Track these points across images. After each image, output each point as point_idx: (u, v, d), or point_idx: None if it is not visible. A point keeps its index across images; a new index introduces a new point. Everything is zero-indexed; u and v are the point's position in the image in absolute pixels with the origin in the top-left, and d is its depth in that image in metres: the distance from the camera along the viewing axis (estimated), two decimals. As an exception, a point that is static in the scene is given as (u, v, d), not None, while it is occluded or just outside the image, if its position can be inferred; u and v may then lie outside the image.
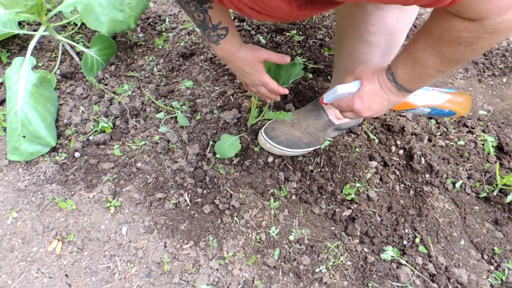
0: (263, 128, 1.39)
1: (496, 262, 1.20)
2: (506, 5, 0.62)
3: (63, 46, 1.65)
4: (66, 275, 1.18)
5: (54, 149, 1.43)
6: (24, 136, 1.36)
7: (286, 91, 1.21)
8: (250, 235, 1.25)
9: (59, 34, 1.70)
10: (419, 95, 1.23)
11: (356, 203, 1.30)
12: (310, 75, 1.66)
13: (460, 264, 1.19)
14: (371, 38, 1.10)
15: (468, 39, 0.71)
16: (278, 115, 1.25)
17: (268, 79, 1.16)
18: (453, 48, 0.75)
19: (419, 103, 1.22)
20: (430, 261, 1.19)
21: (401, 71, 0.90)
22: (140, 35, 1.83)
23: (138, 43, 1.79)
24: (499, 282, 1.16)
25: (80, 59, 1.66)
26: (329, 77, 1.66)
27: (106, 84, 1.61)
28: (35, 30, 1.78)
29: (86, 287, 1.16)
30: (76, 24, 1.82)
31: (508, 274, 1.17)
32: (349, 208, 1.30)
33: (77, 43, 1.75)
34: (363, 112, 1.00)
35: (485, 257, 1.21)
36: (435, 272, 1.17)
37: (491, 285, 1.16)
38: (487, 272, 1.19)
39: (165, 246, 1.22)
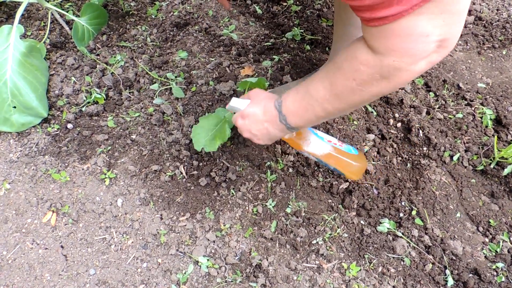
0: None
1: (491, 234, 1.21)
2: (409, 51, 0.66)
3: (52, 14, 1.59)
4: (62, 246, 1.17)
5: (46, 120, 1.40)
6: (14, 107, 1.33)
7: None
8: (247, 208, 1.24)
9: (47, 1, 1.64)
10: (311, 142, 1.16)
11: (353, 175, 1.29)
12: (308, 47, 1.62)
13: (456, 236, 1.20)
14: None
15: (362, 76, 0.73)
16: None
17: None
18: (346, 82, 0.77)
19: (306, 149, 1.16)
20: (426, 233, 1.20)
21: (290, 100, 0.90)
22: (132, 3, 1.77)
23: (130, 12, 1.73)
24: (493, 253, 1.18)
25: (70, 28, 1.61)
26: (327, 49, 1.63)
27: (98, 55, 1.56)
28: (22, -3, 1.71)
29: (82, 258, 1.15)
30: (65, -8, 1.75)
31: (502, 246, 1.18)
32: (346, 181, 1.29)
33: (67, 11, 1.69)
34: (243, 131, 1.02)
35: (480, 229, 1.22)
36: (430, 244, 1.18)
37: (485, 256, 1.17)
38: (481, 244, 1.20)
39: (161, 218, 1.22)
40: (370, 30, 0.68)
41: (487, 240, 1.20)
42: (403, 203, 1.25)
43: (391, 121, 1.41)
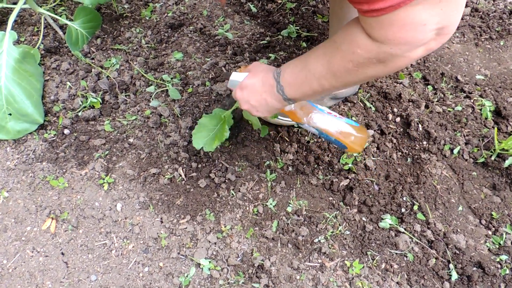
0: None
1: (494, 227, 1.20)
2: (406, 40, 0.66)
3: (45, 19, 1.58)
4: (62, 253, 1.16)
5: (42, 127, 1.39)
6: (10, 114, 1.31)
7: None
8: (247, 208, 1.23)
9: (40, 6, 1.62)
10: (312, 114, 1.14)
11: (354, 172, 1.29)
12: (304, 44, 1.61)
13: (458, 230, 1.19)
14: None
15: (359, 59, 0.74)
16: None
17: None
18: (343, 63, 0.78)
19: (306, 121, 1.13)
20: (428, 228, 1.19)
21: (289, 71, 0.91)
22: (126, 6, 1.76)
23: (124, 15, 1.72)
24: (497, 246, 1.17)
25: (64, 33, 1.59)
26: (323, 45, 1.61)
27: (92, 58, 1.55)
28: (14, 3, 1.70)
29: (83, 264, 1.14)
30: (58, -4, 1.74)
31: (505, 238, 1.17)
32: (347, 177, 1.28)
33: (60, 16, 1.67)
34: (241, 103, 1.02)
35: (483, 222, 1.22)
36: (433, 239, 1.17)
37: (489, 249, 1.16)
38: (485, 237, 1.19)
39: (162, 222, 1.21)
40: (368, 20, 0.68)
41: (490, 232, 1.20)
42: (404, 198, 1.24)
43: (390, 116, 1.40)
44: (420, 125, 1.35)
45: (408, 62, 0.72)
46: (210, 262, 1.13)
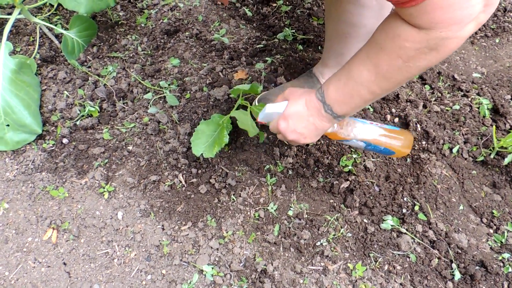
0: (256, 99, 1.35)
1: (495, 225, 1.20)
2: (455, 19, 0.63)
3: (41, 29, 1.58)
4: (64, 263, 1.16)
5: (40, 137, 1.38)
6: (8, 125, 1.31)
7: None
8: (248, 213, 1.23)
9: (35, 16, 1.62)
10: (356, 127, 1.11)
11: (354, 174, 1.29)
12: (300, 47, 1.61)
13: (460, 229, 1.19)
14: None
15: (408, 52, 0.70)
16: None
17: None
18: (391, 62, 0.73)
19: (353, 136, 1.11)
20: (430, 228, 1.19)
21: (332, 88, 0.87)
22: (121, 13, 1.76)
23: (120, 22, 1.72)
24: (499, 244, 1.17)
25: (60, 42, 1.59)
26: (319, 47, 1.62)
27: (89, 67, 1.55)
28: (9, 14, 1.70)
29: (86, 274, 1.14)
30: (52, 5, 1.73)
31: (507, 236, 1.17)
32: (347, 179, 1.28)
33: (55, 25, 1.67)
34: (287, 134, 0.97)
35: (484, 220, 1.22)
36: (435, 239, 1.17)
37: (491, 248, 1.17)
38: (486, 236, 1.19)
39: (163, 229, 1.20)
40: (408, 10, 0.65)
41: (491, 231, 1.20)
42: (405, 199, 1.24)
43: (388, 116, 1.40)
44: (418, 125, 1.36)
45: (461, 42, 0.68)
46: (212, 268, 1.13)
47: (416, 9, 0.63)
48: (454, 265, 1.13)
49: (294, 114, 0.95)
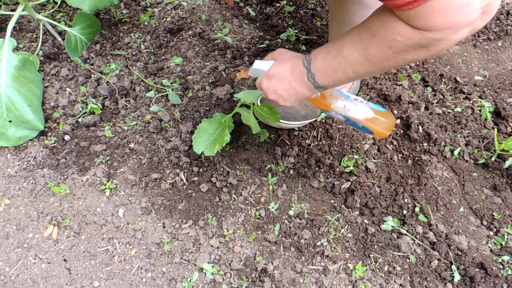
0: (258, 100, 1.35)
1: (495, 227, 1.20)
2: (451, 23, 0.64)
3: (44, 25, 1.58)
4: (65, 260, 1.16)
5: (42, 133, 1.38)
6: (10, 121, 1.31)
7: None
8: (249, 212, 1.23)
9: (39, 13, 1.62)
10: (339, 101, 1.11)
11: (355, 175, 1.29)
12: (303, 47, 1.62)
13: (460, 231, 1.20)
14: None
15: (399, 45, 0.71)
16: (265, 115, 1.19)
17: None
18: (381, 50, 0.75)
19: (333, 108, 1.10)
20: (430, 230, 1.20)
21: (320, 59, 0.88)
22: (124, 11, 1.76)
23: (123, 20, 1.72)
24: (499, 247, 1.17)
25: (63, 39, 1.59)
26: (322, 48, 1.62)
27: (92, 64, 1.55)
28: (13, 10, 1.70)
29: (86, 270, 1.14)
30: (56, 2, 1.74)
31: (507, 239, 1.17)
32: (348, 180, 1.28)
33: (58, 22, 1.68)
34: (268, 93, 0.98)
35: (485, 223, 1.22)
36: (435, 240, 1.17)
37: (490, 250, 1.17)
38: (486, 238, 1.19)
39: (164, 227, 1.21)
40: (406, 13, 0.65)
41: (491, 233, 1.20)
42: (406, 200, 1.25)
43: (390, 118, 1.40)
44: (420, 127, 1.36)
45: (452, 44, 0.70)
46: (213, 266, 1.13)
47: (414, 12, 0.64)
48: (454, 267, 1.13)
49: (277, 75, 0.96)
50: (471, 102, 1.44)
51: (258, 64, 1.01)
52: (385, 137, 1.12)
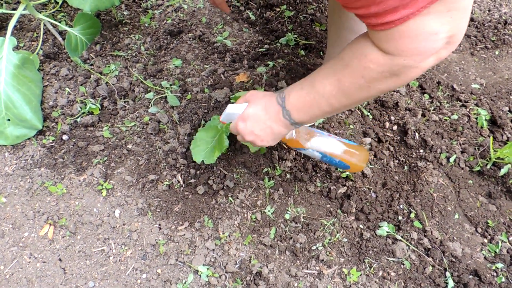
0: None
1: (489, 235, 1.21)
2: (419, 50, 0.67)
3: (45, 25, 1.58)
4: (60, 259, 1.16)
5: (40, 132, 1.39)
6: (8, 120, 1.32)
7: None
8: (245, 215, 1.24)
9: (40, 12, 1.63)
10: (314, 137, 1.13)
11: (351, 180, 1.29)
12: (302, 52, 1.63)
13: (455, 238, 1.20)
14: None
15: (371, 73, 0.73)
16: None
17: None
18: (354, 80, 0.77)
19: (309, 146, 1.12)
20: (425, 236, 1.20)
21: (294, 95, 0.88)
22: (125, 12, 1.77)
23: (123, 21, 1.73)
24: (493, 254, 1.18)
25: (63, 39, 1.60)
26: (321, 53, 1.63)
27: (91, 65, 1.56)
28: (14, 9, 1.71)
29: (81, 270, 1.14)
30: (57, 2, 1.74)
31: (501, 246, 1.18)
32: (344, 185, 1.29)
33: (59, 22, 1.68)
34: (245, 135, 0.97)
35: (479, 230, 1.23)
36: (430, 247, 1.18)
37: (484, 257, 1.17)
38: (480, 245, 1.20)
39: (160, 228, 1.21)
40: (378, 33, 0.68)
41: (486, 241, 1.21)
42: (401, 206, 1.25)
43: (387, 124, 1.41)
44: (416, 134, 1.37)
45: (420, 72, 0.72)
46: (208, 269, 1.14)
47: (385, 33, 0.66)
48: (448, 274, 1.14)
49: (252, 116, 0.95)
50: (468, 110, 1.45)
51: (231, 108, 1.00)
52: (361, 170, 1.14)
